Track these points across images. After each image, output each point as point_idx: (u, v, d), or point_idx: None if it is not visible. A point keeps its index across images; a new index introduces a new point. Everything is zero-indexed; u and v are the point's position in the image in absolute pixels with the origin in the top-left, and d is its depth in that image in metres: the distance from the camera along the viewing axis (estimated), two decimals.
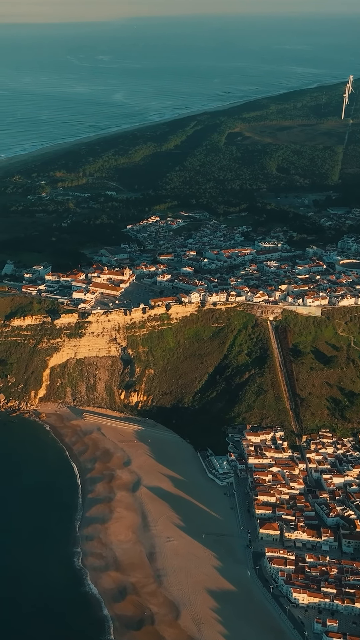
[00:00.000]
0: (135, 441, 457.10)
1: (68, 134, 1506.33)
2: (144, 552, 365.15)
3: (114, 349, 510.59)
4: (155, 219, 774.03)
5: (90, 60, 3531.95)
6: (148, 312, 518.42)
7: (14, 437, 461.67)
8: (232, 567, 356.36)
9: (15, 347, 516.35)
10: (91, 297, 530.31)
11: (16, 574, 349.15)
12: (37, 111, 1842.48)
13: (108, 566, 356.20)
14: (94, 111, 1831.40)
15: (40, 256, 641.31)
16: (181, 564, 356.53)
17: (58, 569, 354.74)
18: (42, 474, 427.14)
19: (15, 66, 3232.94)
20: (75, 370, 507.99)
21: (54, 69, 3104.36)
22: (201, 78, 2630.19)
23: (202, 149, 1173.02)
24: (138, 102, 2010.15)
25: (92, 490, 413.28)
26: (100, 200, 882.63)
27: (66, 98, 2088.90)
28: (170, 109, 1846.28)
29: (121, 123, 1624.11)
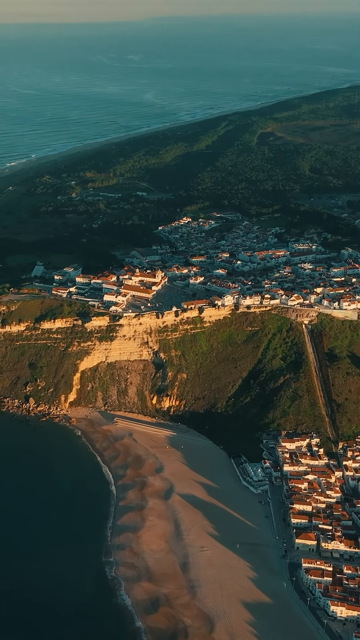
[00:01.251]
0: (167, 447, 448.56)
1: (98, 134, 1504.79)
2: (177, 562, 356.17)
3: (146, 353, 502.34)
4: (186, 220, 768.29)
5: (121, 60, 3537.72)
6: (181, 315, 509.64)
7: (44, 442, 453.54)
8: (267, 578, 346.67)
9: (45, 350, 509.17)
10: (122, 300, 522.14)
11: (47, 584, 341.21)
12: (67, 111, 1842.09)
13: (140, 576, 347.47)
14: (125, 111, 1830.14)
15: (71, 257, 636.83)
16: (215, 575, 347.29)
17: (89, 579, 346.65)
18: (73, 480, 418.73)
19: (46, 66, 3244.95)
20: (106, 374, 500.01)
21: (84, 68, 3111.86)
22: (232, 78, 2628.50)
23: (233, 149, 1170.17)
24: (169, 102, 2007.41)
25: (123, 497, 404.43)
26: (131, 201, 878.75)
27: (97, 98, 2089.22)
28: (201, 109, 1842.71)
29: (152, 123, 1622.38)
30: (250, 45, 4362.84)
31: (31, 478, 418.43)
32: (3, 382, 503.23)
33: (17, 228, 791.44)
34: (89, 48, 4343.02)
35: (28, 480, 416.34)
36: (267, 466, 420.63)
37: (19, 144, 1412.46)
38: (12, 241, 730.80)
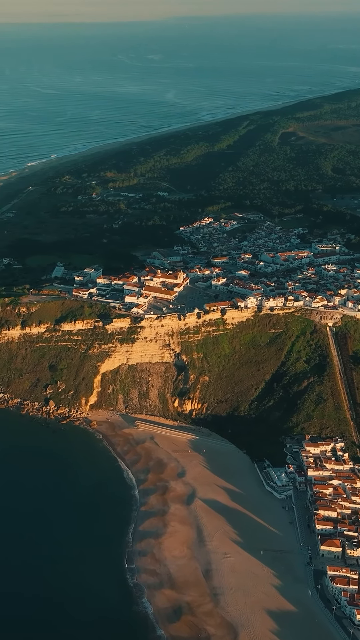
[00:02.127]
0: (189, 451, 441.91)
1: (119, 134, 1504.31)
2: (200, 569, 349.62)
3: (168, 355, 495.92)
4: (208, 221, 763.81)
5: (142, 60, 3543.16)
6: (203, 317, 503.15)
7: (65, 445, 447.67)
8: (292, 586, 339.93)
9: (66, 352, 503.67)
10: (144, 302, 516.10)
11: (68, 590, 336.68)
12: (88, 111, 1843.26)
13: (162, 584, 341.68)
14: (145, 111, 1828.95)
15: (91, 258, 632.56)
16: (238, 582, 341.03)
17: (111, 585, 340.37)
18: (94, 484, 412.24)
19: (66, 66, 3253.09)
20: (127, 377, 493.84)
21: (104, 68, 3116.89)
22: (253, 77, 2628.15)
23: (255, 149, 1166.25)
24: (190, 101, 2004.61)
25: (145, 502, 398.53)
26: (152, 201, 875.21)
27: (117, 98, 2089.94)
28: (222, 109, 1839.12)
29: (173, 123, 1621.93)
30: (271, 44, 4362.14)
31: (51, 482, 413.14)
32: (23, 385, 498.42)
33: (37, 228, 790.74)
34: (109, 48, 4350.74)
35: (48, 484, 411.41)
36: (290, 471, 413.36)
37: (39, 144, 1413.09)
38: (32, 241, 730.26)
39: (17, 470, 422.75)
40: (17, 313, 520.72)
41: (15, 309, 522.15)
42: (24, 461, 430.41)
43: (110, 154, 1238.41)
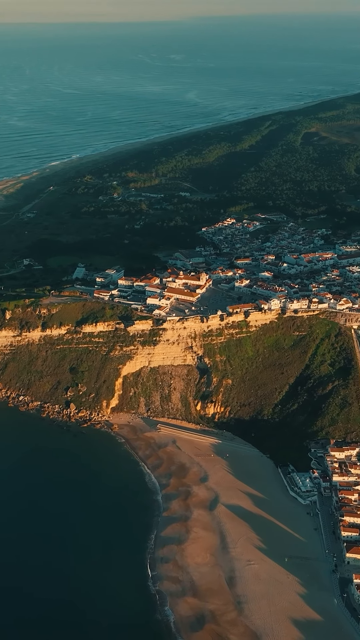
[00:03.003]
0: (212, 455, 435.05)
1: (140, 134, 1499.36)
2: (223, 576, 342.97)
3: (190, 358, 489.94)
4: (230, 221, 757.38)
5: (163, 60, 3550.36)
6: (226, 320, 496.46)
7: (86, 449, 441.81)
8: (317, 594, 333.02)
9: (87, 354, 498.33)
10: (166, 303, 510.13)
11: (89, 596, 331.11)
12: (109, 110, 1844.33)
13: (185, 591, 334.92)
14: (167, 110, 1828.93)
15: (113, 259, 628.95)
16: (263, 590, 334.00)
17: (132, 593, 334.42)
18: (116, 489, 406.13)
19: (87, 65, 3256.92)
20: (149, 380, 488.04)
21: (125, 68, 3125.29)
22: (275, 77, 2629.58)
23: (277, 149, 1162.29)
24: (211, 101, 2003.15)
25: (167, 507, 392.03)
26: (174, 202, 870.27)
27: (138, 97, 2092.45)
28: (244, 109, 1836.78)
29: (194, 123, 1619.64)
30: (293, 44, 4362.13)
31: (72, 486, 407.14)
32: (43, 387, 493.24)
33: (58, 229, 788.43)
34: (130, 47, 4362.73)
35: (68, 488, 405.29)
36: (315, 476, 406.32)
37: (60, 144, 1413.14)
38: (52, 242, 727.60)
39: (37, 475, 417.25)
40: (37, 315, 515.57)
41: (36, 311, 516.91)
42: (44, 465, 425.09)
43: (132, 154, 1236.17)
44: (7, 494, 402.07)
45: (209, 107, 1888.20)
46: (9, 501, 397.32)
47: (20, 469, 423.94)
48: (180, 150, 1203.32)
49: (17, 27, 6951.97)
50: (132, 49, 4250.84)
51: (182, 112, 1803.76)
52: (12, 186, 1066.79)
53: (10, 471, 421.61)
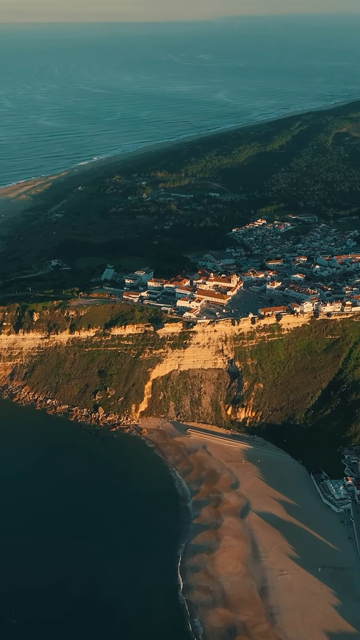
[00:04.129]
0: (243, 461, 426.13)
1: (169, 134, 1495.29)
2: (255, 586, 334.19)
3: (221, 361, 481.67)
4: (261, 222, 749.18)
5: (192, 59, 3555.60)
6: (257, 322, 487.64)
7: (114, 454, 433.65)
8: (351, 605, 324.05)
9: (115, 357, 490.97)
10: (196, 306, 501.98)
11: (116, 606, 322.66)
12: (138, 110, 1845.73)
13: (216, 602, 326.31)
14: (196, 110, 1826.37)
15: (142, 260, 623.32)
16: (296, 601, 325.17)
17: (161, 603, 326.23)
18: (145, 495, 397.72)
19: (116, 65, 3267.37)
20: (179, 383, 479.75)
21: (154, 67, 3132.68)
22: (305, 77, 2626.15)
23: (308, 149, 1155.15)
24: (241, 101, 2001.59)
25: (197, 515, 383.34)
26: (204, 202, 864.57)
27: (167, 97, 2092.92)
28: (274, 109, 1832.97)
29: (223, 123, 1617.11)
30: (322, 44, 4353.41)
31: (100, 491, 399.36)
32: (71, 390, 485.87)
33: (86, 229, 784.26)
34: (159, 47, 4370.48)
35: (96, 494, 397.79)
36: (349, 483, 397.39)
37: (88, 144, 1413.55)
38: (81, 243, 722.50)
39: (65, 479, 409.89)
40: (65, 317, 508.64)
41: (64, 313, 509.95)
42: (72, 470, 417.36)
43: (161, 154, 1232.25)
44: (34, 498, 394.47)
45: (238, 107, 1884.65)
46: (38, 504, 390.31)
47: (48, 473, 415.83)
48: (209, 150, 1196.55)
49: (44, 27, 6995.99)
50: (160, 49, 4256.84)
51: (211, 112, 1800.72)
52: (40, 186, 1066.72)
53: (37, 475, 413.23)
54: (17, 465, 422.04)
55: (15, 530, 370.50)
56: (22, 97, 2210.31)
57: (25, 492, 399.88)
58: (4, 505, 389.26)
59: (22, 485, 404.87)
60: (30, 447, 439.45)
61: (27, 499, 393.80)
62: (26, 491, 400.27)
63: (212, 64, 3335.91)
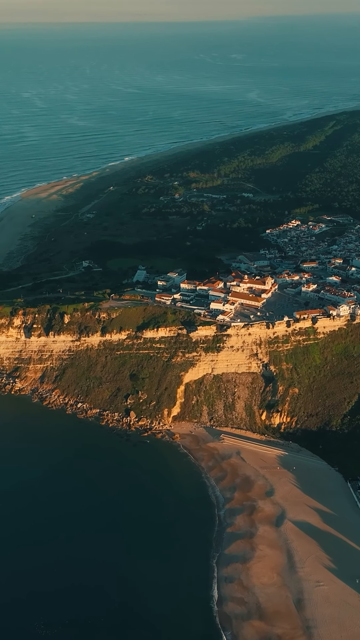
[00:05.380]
0: (278, 468, 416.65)
1: (202, 134, 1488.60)
2: (291, 598, 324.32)
3: (255, 365, 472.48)
4: (295, 223, 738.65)
5: (224, 59, 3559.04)
6: (292, 326, 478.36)
7: (147, 460, 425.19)
8: None
9: (148, 360, 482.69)
10: (230, 308, 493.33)
11: (149, 616, 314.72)
12: (170, 110, 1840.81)
13: (250, 614, 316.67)
14: (228, 110, 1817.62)
15: (174, 262, 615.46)
16: (333, 614, 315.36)
17: (194, 615, 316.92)
18: (177, 502, 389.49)
19: (148, 65, 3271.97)
20: (212, 387, 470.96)
21: (186, 67, 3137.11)
22: (338, 77, 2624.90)
23: (342, 149, 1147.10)
24: (273, 101, 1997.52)
25: (231, 523, 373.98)
26: (237, 203, 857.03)
27: (199, 97, 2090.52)
28: (307, 109, 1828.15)
29: (256, 122, 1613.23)
30: (356, 43, 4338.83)
31: (131, 498, 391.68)
32: (103, 394, 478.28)
33: (117, 230, 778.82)
34: (191, 47, 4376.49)
35: (128, 500, 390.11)
36: None
37: (120, 143, 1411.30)
38: (112, 243, 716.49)
39: (97, 485, 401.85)
40: (97, 319, 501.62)
41: (95, 315, 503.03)
42: (104, 476, 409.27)
43: (193, 154, 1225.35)
44: (64, 503, 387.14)
45: (271, 107, 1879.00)
46: (66, 508, 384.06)
47: (80, 479, 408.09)
48: (242, 150, 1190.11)
49: (76, 27, 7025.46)
50: (192, 49, 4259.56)
51: (243, 112, 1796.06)
52: (71, 186, 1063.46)
53: (69, 481, 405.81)
54: (49, 471, 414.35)
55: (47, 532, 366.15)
56: (54, 96, 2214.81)
57: (56, 497, 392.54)
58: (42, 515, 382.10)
59: (54, 491, 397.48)
60: (61, 453, 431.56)
61: (57, 504, 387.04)
62: (57, 497, 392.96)
63: (245, 64, 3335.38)
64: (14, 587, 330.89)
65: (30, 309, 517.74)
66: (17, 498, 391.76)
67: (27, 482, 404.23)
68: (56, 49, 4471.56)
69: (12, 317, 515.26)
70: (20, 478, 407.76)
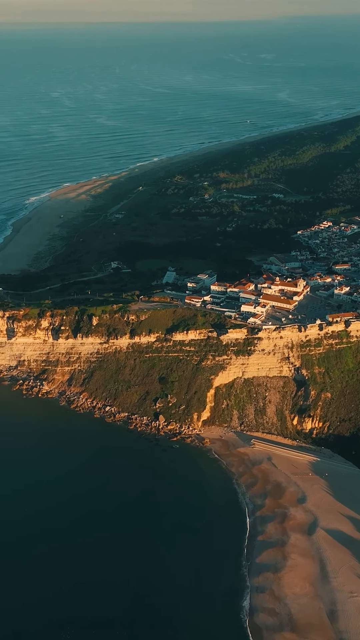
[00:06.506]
0: (310, 474, 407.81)
1: (231, 133, 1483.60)
2: (324, 609, 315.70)
3: (286, 369, 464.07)
4: (327, 224, 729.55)
5: (254, 59, 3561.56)
6: (325, 329, 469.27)
7: (176, 464, 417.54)
8: None
9: (177, 364, 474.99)
10: (261, 311, 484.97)
11: (179, 625, 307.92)
12: (199, 110, 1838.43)
13: (282, 626, 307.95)
14: (258, 110, 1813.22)
15: (204, 263, 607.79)
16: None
17: (224, 626, 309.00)
18: (207, 509, 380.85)
19: (177, 64, 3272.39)
20: (242, 391, 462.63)
21: (215, 67, 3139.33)
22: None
23: None
24: (303, 101, 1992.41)
25: (262, 531, 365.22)
26: (267, 203, 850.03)
27: (229, 97, 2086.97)
28: (338, 109, 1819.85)
29: (286, 122, 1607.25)
30: None
31: (160, 503, 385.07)
32: (131, 398, 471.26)
33: (146, 230, 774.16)
34: (220, 47, 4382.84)
35: (156, 505, 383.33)
36: None
37: (149, 143, 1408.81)
38: (141, 244, 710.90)
39: (124, 490, 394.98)
40: (125, 321, 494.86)
41: (124, 317, 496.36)
42: (133, 482, 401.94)
43: (223, 154, 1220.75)
44: (91, 506, 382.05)
45: (301, 107, 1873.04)
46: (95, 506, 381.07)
47: (107, 482, 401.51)
48: (272, 151, 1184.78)
49: (105, 27, 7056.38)
50: (221, 49, 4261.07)
51: (273, 112, 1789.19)
52: (100, 186, 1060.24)
53: (97, 486, 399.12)
54: (77, 477, 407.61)
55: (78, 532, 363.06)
56: (83, 96, 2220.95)
57: (84, 498, 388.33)
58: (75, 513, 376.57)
59: (81, 492, 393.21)
60: (89, 457, 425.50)
61: (87, 504, 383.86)
62: (85, 497, 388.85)
63: (274, 64, 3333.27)
64: (43, 586, 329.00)
65: (58, 311, 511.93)
66: (45, 498, 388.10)
67: (56, 481, 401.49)
68: (85, 49, 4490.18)
69: (40, 319, 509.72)
70: (49, 478, 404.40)
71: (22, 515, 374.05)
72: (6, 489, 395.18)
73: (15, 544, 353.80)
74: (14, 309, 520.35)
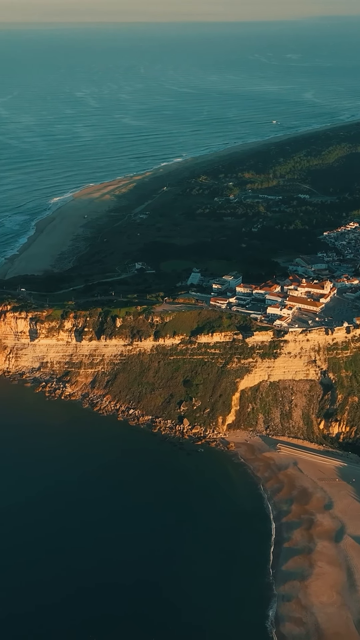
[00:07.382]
0: (337, 480, 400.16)
1: (256, 134, 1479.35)
2: (352, 619, 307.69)
3: (313, 372, 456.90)
4: (354, 225, 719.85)
5: (279, 59, 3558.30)
6: (353, 332, 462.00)
7: (201, 468, 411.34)
8: None
9: (202, 366, 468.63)
10: (288, 313, 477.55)
11: (202, 637, 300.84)
12: (224, 110, 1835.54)
13: (309, 635, 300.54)
14: (283, 110, 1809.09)
15: (229, 264, 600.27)
16: None
17: (249, 635, 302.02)
18: (232, 515, 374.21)
19: (202, 64, 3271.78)
20: (268, 395, 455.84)
21: (241, 67, 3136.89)
22: None
23: None
24: (329, 101, 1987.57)
25: (288, 538, 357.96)
26: (293, 204, 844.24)
27: (254, 97, 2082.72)
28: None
29: (312, 123, 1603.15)
30: None
31: (184, 508, 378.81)
32: (155, 401, 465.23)
33: (171, 231, 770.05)
34: (245, 47, 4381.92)
35: (180, 510, 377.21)
36: None
37: (174, 143, 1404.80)
38: (166, 245, 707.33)
39: (148, 494, 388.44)
40: (150, 323, 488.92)
41: (148, 319, 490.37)
42: (157, 486, 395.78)
43: (248, 154, 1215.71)
44: (114, 512, 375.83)
45: (327, 107, 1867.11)
46: (116, 507, 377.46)
47: (131, 486, 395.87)
48: (298, 151, 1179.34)
49: (131, 27, 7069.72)
50: (246, 49, 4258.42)
51: (299, 112, 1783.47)
52: (124, 186, 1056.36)
53: (120, 490, 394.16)
54: (101, 480, 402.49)
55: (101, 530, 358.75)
56: (108, 96, 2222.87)
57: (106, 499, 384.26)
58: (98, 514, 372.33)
59: (107, 497, 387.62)
60: (112, 459, 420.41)
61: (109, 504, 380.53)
62: (107, 499, 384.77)
63: (300, 64, 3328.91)
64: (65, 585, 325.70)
65: (81, 312, 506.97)
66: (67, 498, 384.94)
67: (79, 482, 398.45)
68: (110, 49, 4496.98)
69: (63, 320, 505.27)
70: (71, 478, 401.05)
71: (47, 514, 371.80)
72: (30, 490, 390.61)
73: (34, 544, 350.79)
74: (37, 310, 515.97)
